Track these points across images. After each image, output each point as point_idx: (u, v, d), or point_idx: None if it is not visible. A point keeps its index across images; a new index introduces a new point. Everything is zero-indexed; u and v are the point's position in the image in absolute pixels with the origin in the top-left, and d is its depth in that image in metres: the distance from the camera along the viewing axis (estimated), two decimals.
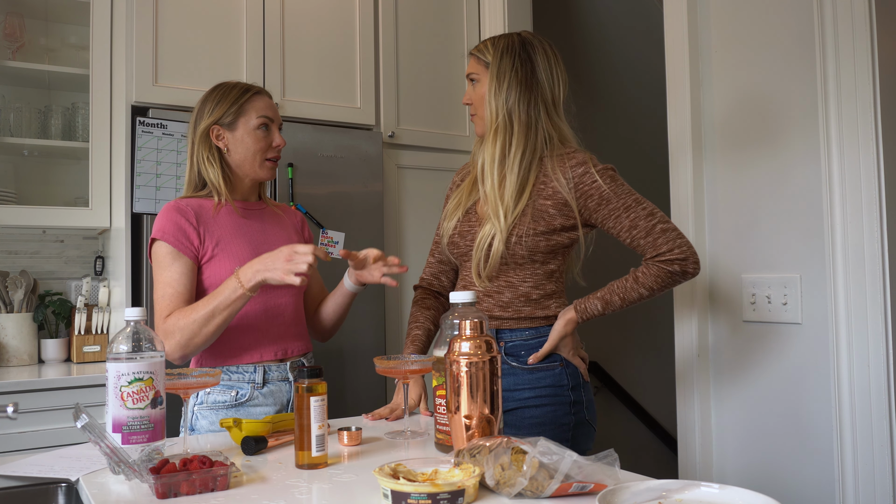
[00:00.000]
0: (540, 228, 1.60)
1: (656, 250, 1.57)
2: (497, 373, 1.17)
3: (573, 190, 1.60)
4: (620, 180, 1.62)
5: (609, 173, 1.61)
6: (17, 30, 2.60)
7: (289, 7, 2.76)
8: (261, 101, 1.74)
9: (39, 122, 2.64)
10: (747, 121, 2.01)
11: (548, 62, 1.68)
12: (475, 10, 3.21)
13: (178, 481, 1.05)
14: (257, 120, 1.71)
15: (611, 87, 4.68)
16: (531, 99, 1.64)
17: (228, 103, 1.71)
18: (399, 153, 2.97)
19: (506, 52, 1.66)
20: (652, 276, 1.59)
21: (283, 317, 1.72)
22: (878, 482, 1.69)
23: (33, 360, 2.55)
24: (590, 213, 1.61)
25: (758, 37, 1.98)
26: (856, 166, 1.74)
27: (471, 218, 1.70)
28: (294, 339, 1.74)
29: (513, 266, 1.63)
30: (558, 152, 1.64)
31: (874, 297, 1.70)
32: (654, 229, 1.57)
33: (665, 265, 1.57)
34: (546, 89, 1.67)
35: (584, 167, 1.60)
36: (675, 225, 1.60)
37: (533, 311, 1.64)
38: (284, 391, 1.69)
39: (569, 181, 1.60)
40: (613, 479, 1.00)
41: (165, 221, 1.63)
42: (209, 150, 1.70)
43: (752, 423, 1.98)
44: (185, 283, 1.61)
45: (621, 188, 1.60)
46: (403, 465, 1.04)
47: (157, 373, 1.22)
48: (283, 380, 1.70)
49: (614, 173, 1.62)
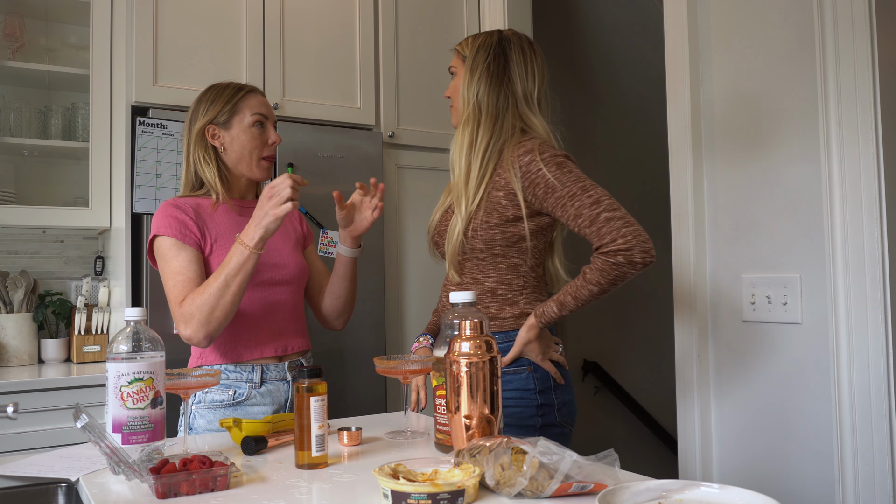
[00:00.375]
0: (493, 221, 1.59)
1: (600, 241, 1.49)
2: (497, 373, 1.17)
3: (521, 179, 1.57)
4: (569, 167, 1.56)
5: (557, 160, 1.56)
6: (17, 30, 2.60)
7: (289, 7, 2.76)
8: (255, 98, 1.75)
9: (39, 122, 2.64)
10: (747, 120, 2.01)
11: (523, 57, 1.70)
12: (475, 10, 3.21)
13: (178, 481, 1.05)
14: (252, 117, 1.71)
15: (610, 86, 4.68)
16: (500, 91, 1.66)
17: (223, 102, 1.72)
18: (399, 153, 2.97)
19: (482, 46, 1.71)
20: (597, 270, 1.51)
21: (283, 312, 1.72)
22: (878, 482, 1.69)
23: (33, 360, 2.55)
24: (539, 202, 1.57)
25: (758, 36, 1.98)
26: (856, 166, 1.73)
27: (449, 215, 1.70)
28: (293, 335, 1.74)
29: (475, 261, 1.63)
30: (514, 142, 1.62)
31: (874, 297, 1.70)
32: (598, 218, 1.50)
33: (608, 257, 1.49)
34: (517, 83, 1.68)
35: (530, 155, 1.57)
36: (626, 212, 1.51)
37: (501, 307, 1.63)
38: (282, 391, 1.69)
39: (516, 171, 1.58)
40: (613, 479, 1.00)
41: (164, 217, 1.63)
42: (205, 149, 1.71)
43: (752, 423, 1.98)
44: (195, 269, 1.60)
45: (568, 175, 1.54)
46: (403, 465, 1.04)
47: (157, 373, 1.22)
48: (280, 379, 1.69)
49: (563, 160, 1.57)
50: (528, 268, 1.65)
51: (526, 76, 1.70)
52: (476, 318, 1.19)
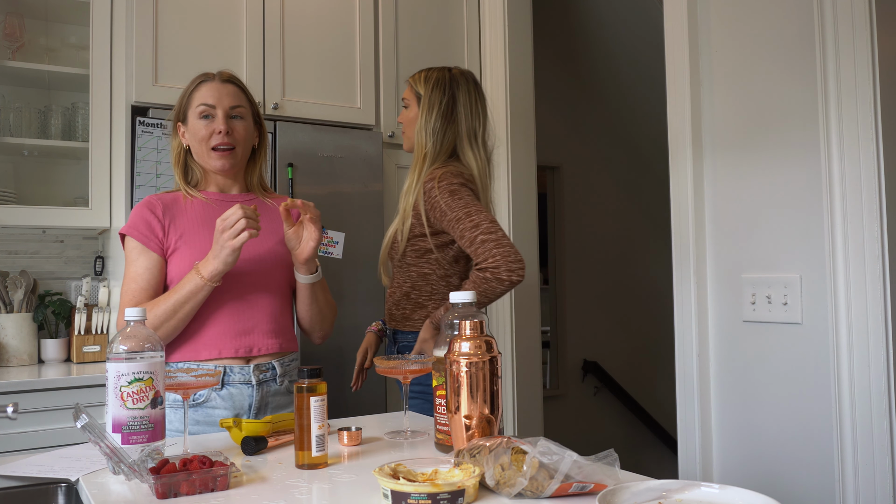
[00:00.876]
0: (405, 235, 1.91)
1: (476, 258, 1.75)
2: (497, 373, 1.17)
3: (424, 202, 1.87)
4: (460, 194, 1.81)
5: (450, 188, 1.82)
6: (17, 30, 2.60)
7: (289, 7, 2.76)
8: (205, 87, 1.67)
9: (39, 122, 2.64)
10: (747, 120, 2.01)
11: (469, 98, 1.98)
12: (475, 10, 3.21)
13: (178, 481, 1.05)
14: (198, 109, 1.66)
15: (610, 86, 4.68)
16: (448, 129, 1.94)
17: (181, 97, 1.71)
18: (399, 153, 2.97)
19: (436, 86, 1.97)
20: (470, 282, 1.75)
21: (252, 311, 1.63)
22: (878, 482, 1.69)
23: (33, 360, 2.55)
24: (437, 222, 1.86)
25: (758, 36, 1.98)
26: (856, 166, 1.73)
27: None
28: (264, 336, 1.63)
29: (395, 269, 1.97)
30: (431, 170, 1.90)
31: (874, 297, 1.70)
32: (475, 239, 1.75)
33: (479, 272, 1.74)
34: (463, 122, 1.96)
35: (431, 183, 1.85)
36: (504, 234, 1.76)
37: (413, 311, 1.93)
38: (245, 395, 1.61)
39: (422, 195, 1.88)
40: (613, 479, 1.00)
41: (134, 216, 1.64)
42: (179, 146, 1.71)
43: (752, 423, 1.98)
44: (149, 278, 1.60)
45: (457, 202, 1.80)
46: (403, 465, 1.03)
47: (157, 373, 1.22)
48: (245, 383, 1.61)
49: (456, 188, 1.83)
50: (438, 277, 1.92)
51: (471, 115, 1.98)
52: (476, 318, 1.19)
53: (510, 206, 3.10)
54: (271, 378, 1.65)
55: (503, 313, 3.09)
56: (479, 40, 3.21)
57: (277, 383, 1.66)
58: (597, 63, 4.64)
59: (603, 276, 4.50)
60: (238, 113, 1.68)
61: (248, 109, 1.72)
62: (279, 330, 1.67)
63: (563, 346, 4.38)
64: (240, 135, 1.67)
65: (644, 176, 4.64)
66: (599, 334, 4.50)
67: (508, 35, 3.12)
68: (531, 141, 3.20)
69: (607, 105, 4.65)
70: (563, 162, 4.43)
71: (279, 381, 1.66)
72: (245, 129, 1.69)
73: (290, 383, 1.69)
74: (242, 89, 1.73)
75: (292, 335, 1.72)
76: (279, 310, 1.68)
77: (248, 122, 1.71)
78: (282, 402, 1.68)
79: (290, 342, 1.71)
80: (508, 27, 3.12)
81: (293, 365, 1.72)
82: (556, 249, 4.40)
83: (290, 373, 1.70)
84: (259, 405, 1.63)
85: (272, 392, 1.66)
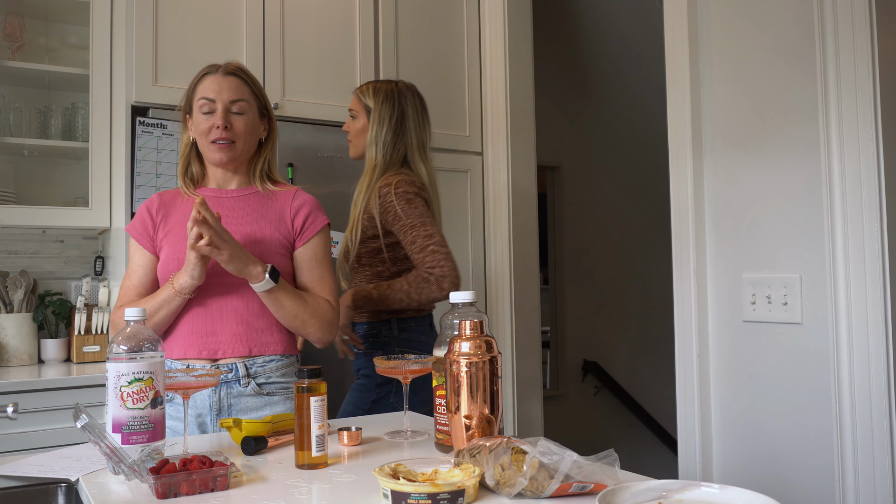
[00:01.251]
0: (358, 238, 2.05)
1: (423, 263, 1.95)
2: (497, 373, 1.17)
3: (379, 206, 2.01)
4: (415, 204, 1.98)
5: (406, 196, 1.98)
6: (17, 30, 2.60)
7: (289, 7, 2.76)
8: (207, 80, 1.66)
9: (39, 122, 2.64)
10: (747, 120, 2.01)
11: (415, 111, 2.11)
12: (475, 10, 3.21)
13: (178, 481, 1.05)
14: (199, 102, 1.66)
15: (610, 86, 4.68)
16: (398, 142, 2.08)
17: (187, 89, 1.72)
18: None
19: (385, 100, 2.09)
20: (409, 279, 1.96)
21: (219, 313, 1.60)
22: (878, 482, 1.69)
23: (33, 360, 2.55)
24: (390, 225, 2.01)
25: (758, 36, 1.98)
26: (856, 166, 1.73)
27: None
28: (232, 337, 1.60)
29: (353, 269, 2.12)
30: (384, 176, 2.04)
31: (874, 297, 1.70)
32: (426, 248, 1.95)
33: (424, 272, 1.94)
34: (413, 135, 2.10)
35: (387, 188, 2.00)
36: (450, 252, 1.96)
37: None
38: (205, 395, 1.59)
39: (377, 199, 2.01)
40: (613, 479, 1.00)
41: (136, 215, 1.71)
42: (187, 139, 1.72)
43: (752, 423, 1.98)
44: (141, 275, 1.66)
45: (413, 210, 1.97)
46: (403, 465, 1.03)
47: (157, 373, 1.22)
48: None
49: (412, 197, 1.99)
50: (390, 274, 2.07)
51: (420, 128, 2.12)
52: (476, 318, 1.19)
53: (510, 206, 3.10)
54: (233, 379, 1.60)
55: (503, 313, 3.09)
56: (479, 40, 3.21)
57: (241, 385, 1.60)
58: (597, 63, 4.64)
59: (603, 276, 4.50)
60: (239, 108, 1.65)
61: (253, 102, 1.68)
62: (251, 332, 1.61)
63: (563, 346, 4.38)
64: (239, 129, 1.65)
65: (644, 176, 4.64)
66: (599, 334, 4.50)
67: (508, 35, 3.12)
68: (531, 141, 3.19)
69: (607, 105, 4.65)
70: (563, 162, 4.43)
71: (243, 383, 1.61)
72: (246, 124, 1.66)
73: (263, 385, 1.62)
74: (246, 81, 1.69)
75: (274, 337, 1.64)
76: (255, 311, 1.62)
77: (251, 116, 1.67)
78: (249, 404, 1.61)
79: (267, 344, 1.63)
80: (508, 27, 3.12)
81: (269, 367, 1.63)
82: (556, 249, 4.40)
83: (264, 374, 1.63)
84: (219, 406, 1.60)
85: (235, 394, 1.60)
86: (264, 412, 1.61)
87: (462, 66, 3.17)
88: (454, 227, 3.09)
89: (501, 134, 3.12)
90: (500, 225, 3.12)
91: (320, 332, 1.65)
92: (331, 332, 1.68)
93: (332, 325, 1.67)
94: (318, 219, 1.71)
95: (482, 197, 3.19)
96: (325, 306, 1.66)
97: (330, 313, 1.67)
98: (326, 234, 1.72)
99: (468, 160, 3.16)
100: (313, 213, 1.71)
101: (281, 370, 1.66)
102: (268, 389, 1.63)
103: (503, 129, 3.12)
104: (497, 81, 3.14)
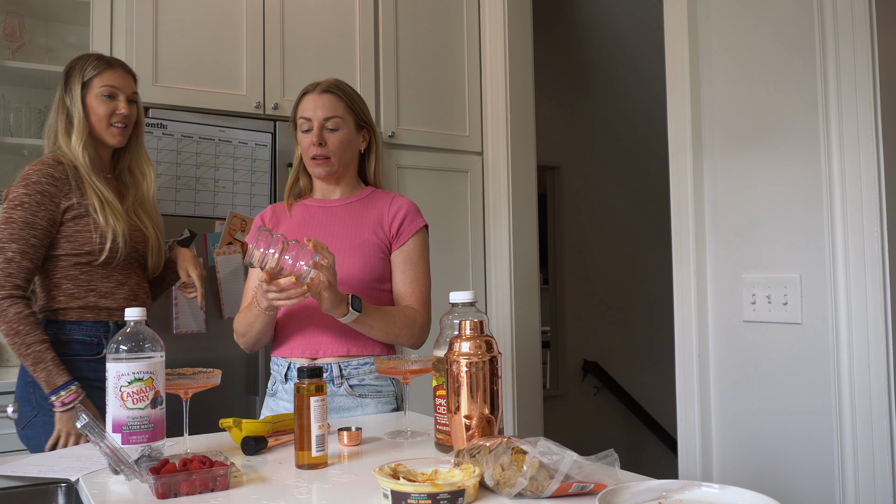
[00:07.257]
0: None
1: None
2: (497, 373, 1.17)
3: None
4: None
5: None
6: (17, 30, 2.60)
7: (289, 7, 2.76)
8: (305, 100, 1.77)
9: (39, 122, 2.64)
10: (747, 120, 2.01)
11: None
12: (475, 10, 3.21)
13: (178, 481, 1.05)
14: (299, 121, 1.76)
15: (610, 86, 4.68)
16: None
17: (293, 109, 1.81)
18: (399, 153, 2.97)
19: None
20: None
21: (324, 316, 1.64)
22: (878, 482, 1.69)
23: None
24: None
25: (758, 36, 1.98)
26: (856, 166, 1.73)
27: None
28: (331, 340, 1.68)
29: None
30: None
31: (874, 297, 1.70)
32: None
33: None
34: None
35: None
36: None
37: None
38: None
39: None
40: (613, 479, 1.00)
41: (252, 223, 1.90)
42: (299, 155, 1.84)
43: (752, 422, 1.99)
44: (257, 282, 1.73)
45: None
46: (403, 465, 1.04)
47: (157, 373, 1.22)
48: None
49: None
50: None
51: None
52: (476, 318, 1.19)
53: (510, 206, 3.10)
54: (327, 380, 1.67)
55: (503, 313, 3.09)
56: (479, 40, 3.21)
57: (334, 385, 1.67)
58: (597, 63, 4.64)
59: (603, 276, 4.50)
60: (333, 124, 1.71)
61: (348, 117, 1.74)
62: (350, 333, 1.67)
63: (563, 346, 4.39)
64: (334, 145, 1.71)
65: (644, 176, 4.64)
66: (599, 334, 4.50)
67: (508, 35, 3.12)
68: (531, 141, 3.19)
69: (607, 105, 4.65)
70: (563, 162, 4.43)
71: (336, 384, 1.67)
72: (340, 140, 1.72)
73: (356, 387, 1.69)
74: (342, 97, 1.74)
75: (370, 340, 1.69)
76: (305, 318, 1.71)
77: (347, 130, 1.73)
78: (342, 403, 1.68)
79: (365, 345, 1.69)
80: (508, 27, 3.12)
81: (363, 370, 1.69)
82: (556, 249, 4.40)
83: (357, 377, 1.69)
84: None
85: (329, 394, 1.67)
86: (356, 413, 1.69)
87: (462, 66, 3.17)
88: (454, 227, 3.09)
89: (501, 134, 3.12)
90: (500, 225, 3.12)
91: (412, 339, 1.72)
92: (422, 337, 1.73)
93: (423, 329, 1.73)
94: (415, 222, 1.76)
95: (482, 197, 3.19)
96: (412, 315, 1.71)
97: (419, 319, 1.72)
98: (423, 236, 1.78)
99: (468, 160, 3.16)
100: (410, 215, 1.76)
101: (374, 373, 1.70)
102: (360, 391, 1.69)
103: (503, 129, 3.12)
104: (497, 81, 3.14)
